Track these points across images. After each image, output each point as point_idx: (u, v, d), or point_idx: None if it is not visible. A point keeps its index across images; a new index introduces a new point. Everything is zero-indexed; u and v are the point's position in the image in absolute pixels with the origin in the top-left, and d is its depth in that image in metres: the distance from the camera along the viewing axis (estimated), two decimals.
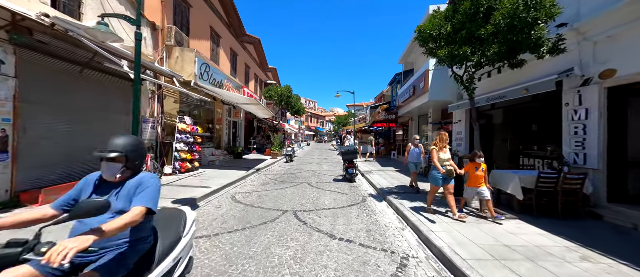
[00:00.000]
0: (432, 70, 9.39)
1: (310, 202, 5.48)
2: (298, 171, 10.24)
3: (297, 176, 8.98)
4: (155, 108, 7.75)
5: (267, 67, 22.83)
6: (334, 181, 8.13)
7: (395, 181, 7.85)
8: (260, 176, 8.99)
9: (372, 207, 5.34)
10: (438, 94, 9.39)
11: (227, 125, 13.59)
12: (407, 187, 6.84)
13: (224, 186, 6.59)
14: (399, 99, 14.84)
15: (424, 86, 9.66)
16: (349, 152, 7.99)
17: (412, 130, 15.64)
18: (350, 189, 7.04)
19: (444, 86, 9.37)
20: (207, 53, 11.37)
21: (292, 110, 16.12)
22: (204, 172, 8.49)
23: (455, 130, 9.53)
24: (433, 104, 10.70)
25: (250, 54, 18.25)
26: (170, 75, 7.47)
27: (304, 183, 7.69)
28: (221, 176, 7.79)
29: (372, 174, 9.09)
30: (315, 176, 9.04)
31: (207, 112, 12.10)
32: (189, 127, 8.10)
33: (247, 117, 17.66)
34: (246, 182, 7.73)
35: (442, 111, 12.18)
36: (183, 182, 6.69)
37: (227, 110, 13.44)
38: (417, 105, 11.33)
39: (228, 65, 14.00)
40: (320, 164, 12.88)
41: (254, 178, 8.43)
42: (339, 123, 39.61)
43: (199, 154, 8.91)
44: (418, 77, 10.56)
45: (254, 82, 19.67)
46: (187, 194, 5.44)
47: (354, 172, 7.96)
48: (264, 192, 6.40)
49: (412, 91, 11.34)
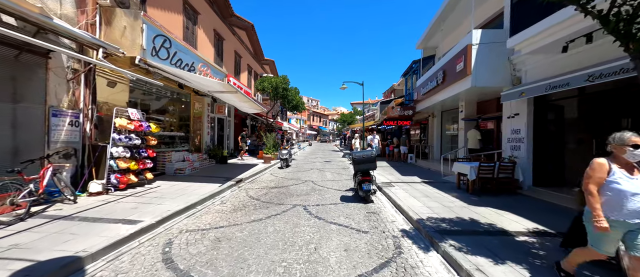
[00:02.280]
0: (477, 46, 6.82)
1: (304, 258, 2.99)
2: (293, 182, 7.75)
3: (290, 191, 6.49)
4: (82, 95, 5.30)
5: (263, 59, 20.38)
6: (342, 200, 5.62)
7: (432, 200, 5.31)
8: (239, 191, 6.51)
9: (418, 267, 2.83)
10: (485, 77, 6.82)
11: (209, 122, 11.14)
12: (472, 223, 4.28)
13: (167, 215, 4.12)
14: (418, 92, 12.26)
15: (464, 68, 7.09)
16: (364, 160, 5.45)
17: (433, 128, 13.06)
18: (368, 218, 4.52)
19: (494, 67, 6.79)
20: (178, 31, 8.91)
21: (289, 105, 13.62)
22: (159, 187, 6.04)
23: (508, 128, 6.95)
24: (472, 93, 8.12)
25: (242, 42, 15.79)
26: (97, 46, 5.02)
27: (298, 205, 5.20)
28: (178, 195, 5.34)
29: (393, 188, 6.56)
30: (315, 191, 6.53)
31: (182, 107, 9.66)
32: (132, 123, 5.64)
33: (238, 114, 15.21)
34: (212, 205, 5.25)
35: (478, 104, 9.57)
36: (104, 210, 4.24)
37: (209, 104, 11.00)
38: (446, 96, 8.75)
39: (210, 49, 11.55)
40: (322, 171, 10.37)
41: (227, 196, 5.95)
42: (343, 121, 36.92)
43: (153, 161, 6.46)
44: (451, 59, 7.99)
45: (247, 75, 17.23)
46: (80, 242, 2.98)
47: (371, 188, 5.44)
48: (230, 228, 3.92)
49: (441, 78, 8.76)
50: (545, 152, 6.31)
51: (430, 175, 8.86)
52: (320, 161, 14.30)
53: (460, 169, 6.31)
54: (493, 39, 6.76)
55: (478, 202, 5.29)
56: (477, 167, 5.78)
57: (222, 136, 13.31)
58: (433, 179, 8.06)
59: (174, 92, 9.04)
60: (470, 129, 8.84)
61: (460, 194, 5.93)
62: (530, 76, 6.28)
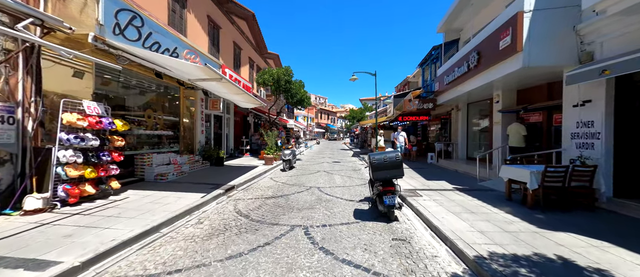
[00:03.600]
0: (530, 14, 5.23)
1: None
2: (295, 189, 6.41)
3: (290, 203, 5.14)
4: (20, 84, 4.12)
5: (266, 52, 19.13)
6: (356, 218, 4.23)
7: (480, 219, 3.83)
8: (227, 203, 5.22)
9: None
10: (543, 54, 5.22)
11: (203, 120, 9.95)
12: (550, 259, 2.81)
13: (108, 248, 2.86)
14: (440, 82, 10.64)
15: (511, 44, 5.51)
16: (386, 164, 3.99)
17: (457, 123, 11.41)
18: (397, 251, 3.12)
19: (554, 40, 5.20)
20: (161, 13, 7.70)
21: (293, 99, 12.24)
22: (126, 199, 4.82)
23: (572, 120, 5.33)
24: (514, 78, 6.51)
25: (242, 32, 14.55)
26: (26, 15, 3.80)
27: (297, 227, 3.85)
28: (144, 212, 4.09)
29: (420, 198, 5.11)
30: (321, 203, 5.17)
31: (170, 102, 8.49)
32: (85, 119, 4.42)
33: (239, 111, 14.03)
34: (185, 226, 3.97)
35: (518, 92, 7.92)
36: (20, 241, 3.00)
37: (203, 99, 9.81)
38: (480, 83, 7.17)
39: (204, 38, 10.33)
40: (330, 173, 8.99)
41: (209, 211, 4.67)
42: (352, 118, 35.22)
43: (124, 166, 5.27)
44: (490, 36, 6.41)
45: (248, 68, 16.01)
46: None
47: (395, 202, 4.00)
48: (190, 274, 2.61)
49: (474, 61, 7.18)
50: (632, 152, 4.68)
51: (461, 179, 7.32)
52: (328, 161, 12.92)
53: (513, 174, 4.78)
54: (553, 3, 5.16)
55: (548, 222, 3.78)
56: (541, 173, 4.26)
57: (220, 135, 12.14)
58: (467, 185, 6.53)
59: (160, 86, 7.86)
60: (511, 123, 7.23)
61: (515, 209, 4.42)
62: (608, 50, 4.67)
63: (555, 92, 6.64)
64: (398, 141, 11.01)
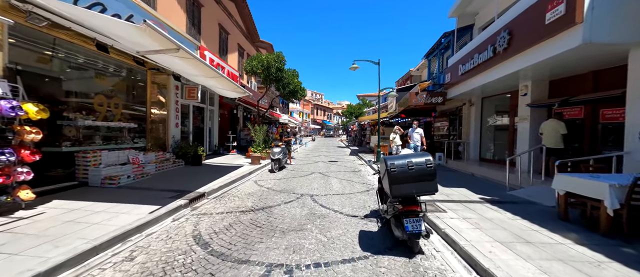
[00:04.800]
0: None
1: None
2: (283, 198, 5.07)
3: (273, 221, 3.81)
4: None
5: (258, 40, 17.61)
6: (364, 249, 2.92)
7: (539, 250, 2.56)
8: (185, 221, 3.86)
9: None
10: (610, 27, 3.95)
11: (177, 111, 8.50)
12: None
13: None
14: (451, 73, 9.36)
15: (564, 15, 4.23)
16: (413, 175, 2.59)
17: (469, 119, 10.18)
18: None
19: (626, 9, 3.92)
20: None
21: (285, 90, 10.79)
22: (38, 215, 3.42)
23: (637, 112, 4.10)
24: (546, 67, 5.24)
25: (230, 15, 13.03)
26: None
27: (277, 268, 2.52)
28: (48, 241, 2.71)
29: (447, 216, 3.81)
30: (314, 221, 3.84)
31: (135, 88, 7.04)
32: None
33: (226, 103, 12.56)
34: (98, 269, 2.60)
35: (551, 83, 6.70)
36: None
37: (178, 87, 8.34)
38: (510, 70, 5.91)
39: (181, 15, 8.83)
40: (326, 176, 7.67)
41: (155, 235, 3.29)
42: (350, 113, 33.75)
43: (35, 169, 3.85)
44: (530, 8, 5.12)
45: (237, 56, 14.52)
46: None
47: (421, 229, 2.70)
48: None
49: (503, 43, 5.90)
50: None
51: (483, 186, 6.08)
52: (323, 160, 11.60)
53: (578, 186, 3.51)
54: None
55: None
56: (627, 187, 3.00)
57: (202, 129, 10.69)
58: (495, 194, 5.27)
59: (121, 67, 6.40)
60: (544, 120, 6.01)
61: (586, 237, 3.17)
62: None
63: (603, 82, 5.41)
64: (412, 140, 8.79)
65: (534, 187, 5.42)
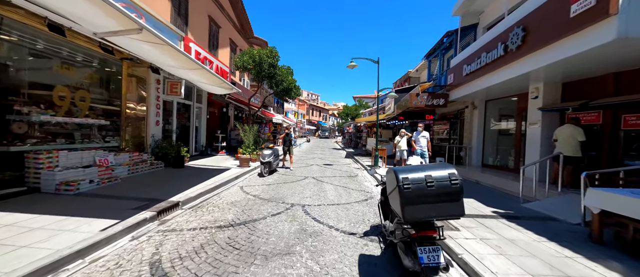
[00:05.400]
0: None
1: None
2: (270, 209, 4.41)
3: (255, 241, 3.15)
4: None
5: (252, 36, 16.91)
6: None
7: None
8: (142, 245, 3.17)
9: None
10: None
11: (158, 107, 7.75)
12: None
13: None
14: (455, 74, 8.85)
15: (595, 6, 3.70)
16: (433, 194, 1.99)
17: (472, 123, 9.69)
18: None
19: None
20: None
21: (278, 87, 10.11)
22: None
23: None
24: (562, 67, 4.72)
25: (222, 7, 12.32)
26: None
27: None
28: None
29: (462, 236, 3.22)
30: (305, 241, 3.20)
31: (110, 82, 6.29)
32: None
33: (215, 101, 11.82)
34: None
35: (564, 85, 6.22)
36: None
37: (159, 81, 7.60)
38: (524, 70, 5.39)
39: (164, 2, 8.10)
40: (320, 181, 7.03)
41: (94, 267, 2.60)
42: (346, 114, 33.12)
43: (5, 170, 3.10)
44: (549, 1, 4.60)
45: (229, 52, 13.79)
46: None
47: (440, 261, 2.09)
48: None
49: (517, 40, 5.37)
50: None
51: (495, 197, 5.54)
52: (318, 163, 10.96)
53: (619, 206, 2.95)
54: None
55: None
56: None
57: (188, 128, 9.94)
58: (509, 208, 4.72)
59: (92, 57, 5.66)
60: (560, 126, 5.50)
61: (629, 266, 2.62)
62: None
63: (626, 85, 4.93)
64: (418, 144, 7.81)
65: (550, 199, 4.88)
